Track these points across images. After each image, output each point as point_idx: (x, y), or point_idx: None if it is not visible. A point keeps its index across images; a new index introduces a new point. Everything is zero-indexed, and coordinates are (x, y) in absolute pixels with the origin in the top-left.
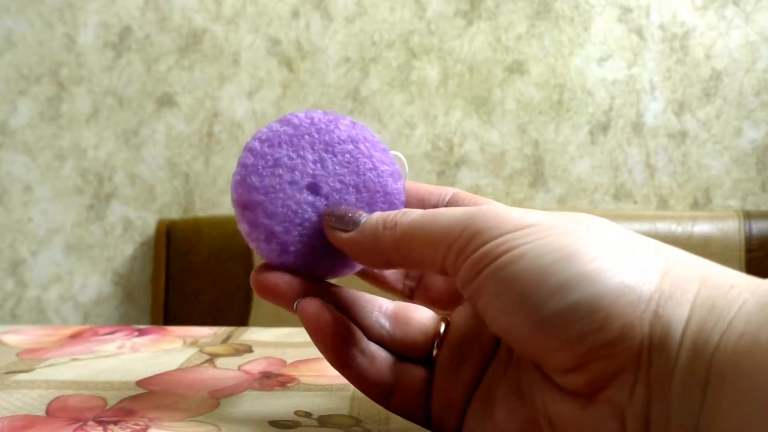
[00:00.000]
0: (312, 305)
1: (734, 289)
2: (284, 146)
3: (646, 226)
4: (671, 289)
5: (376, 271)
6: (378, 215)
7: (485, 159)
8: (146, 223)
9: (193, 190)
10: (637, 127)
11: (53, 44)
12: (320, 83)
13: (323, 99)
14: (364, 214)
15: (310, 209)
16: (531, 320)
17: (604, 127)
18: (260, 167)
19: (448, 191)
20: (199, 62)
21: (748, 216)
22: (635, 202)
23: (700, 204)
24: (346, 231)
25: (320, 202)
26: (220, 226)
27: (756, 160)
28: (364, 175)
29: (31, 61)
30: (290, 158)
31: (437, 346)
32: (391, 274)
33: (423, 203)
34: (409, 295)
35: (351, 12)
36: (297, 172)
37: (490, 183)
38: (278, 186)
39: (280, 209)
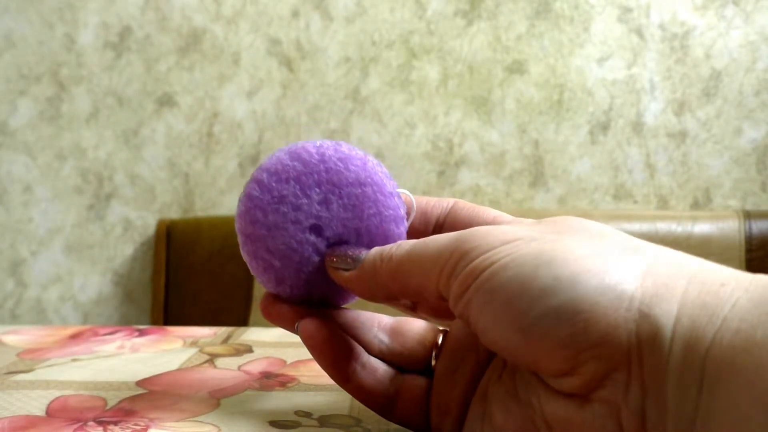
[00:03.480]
0: (311, 324)
1: (726, 287)
2: (291, 182)
3: (646, 226)
4: (654, 287)
5: None
6: (375, 250)
7: (485, 159)
8: (146, 223)
9: (193, 190)
10: (637, 127)
11: (53, 44)
12: (320, 83)
13: (323, 99)
14: (364, 251)
15: (311, 248)
16: (517, 327)
17: (604, 127)
18: (266, 202)
19: (449, 202)
20: (199, 62)
21: (748, 216)
22: (635, 202)
23: (700, 204)
24: (347, 270)
25: (321, 244)
26: (220, 226)
27: (756, 160)
28: (368, 220)
29: (31, 61)
30: (296, 197)
31: (436, 356)
32: None
33: (426, 216)
34: (413, 309)
35: (351, 12)
36: (301, 212)
37: (490, 183)
38: (281, 224)
39: (281, 246)
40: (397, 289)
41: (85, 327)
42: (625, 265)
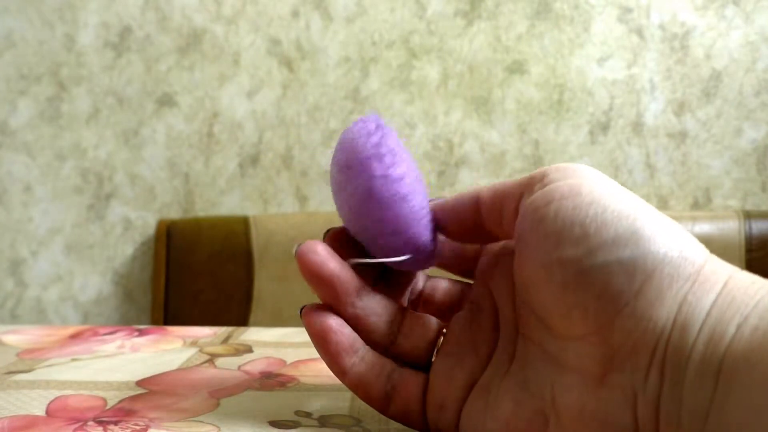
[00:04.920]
0: (315, 312)
1: (755, 285)
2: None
3: None
4: (705, 276)
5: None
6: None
7: (485, 159)
8: (146, 223)
9: (193, 190)
10: (637, 127)
11: (53, 44)
12: (320, 83)
13: (323, 99)
14: None
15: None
16: (579, 264)
17: (604, 127)
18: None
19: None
20: (199, 62)
21: (748, 216)
22: None
23: (700, 204)
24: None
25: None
26: (220, 226)
27: (756, 160)
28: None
29: (31, 61)
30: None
31: (436, 353)
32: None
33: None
34: (413, 310)
35: (351, 12)
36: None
37: (490, 183)
38: (409, 171)
39: (413, 186)
40: (489, 198)
41: (85, 327)
42: (694, 248)
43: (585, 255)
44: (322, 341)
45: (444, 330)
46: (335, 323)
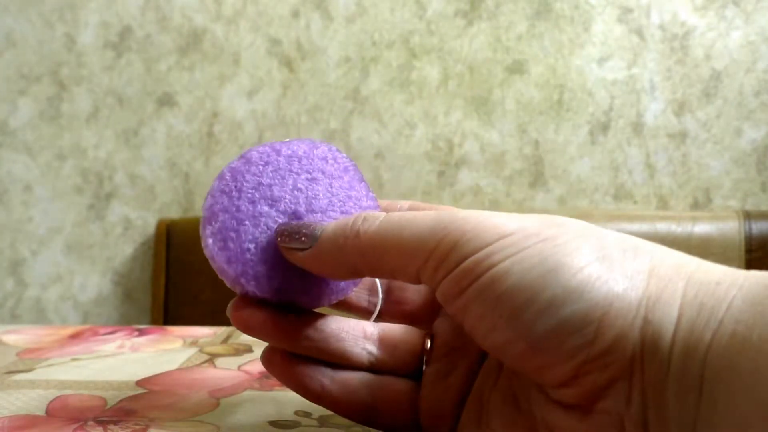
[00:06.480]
0: (268, 354)
1: (721, 286)
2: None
3: (646, 226)
4: (658, 292)
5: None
6: (335, 225)
7: (485, 159)
8: (146, 223)
9: (193, 190)
10: (637, 127)
11: (53, 44)
12: (320, 83)
13: (323, 99)
14: (319, 226)
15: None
16: (523, 339)
17: (604, 127)
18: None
19: (404, 204)
20: (199, 62)
21: (748, 216)
22: (635, 202)
23: (700, 204)
24: (303, 249)
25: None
26: None
27: (756, 161)
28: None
29: (31, 61)
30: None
31: (426, 362)
32: (353, 293)
33: None
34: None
35: (351, 12)
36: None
37: (490, 183)
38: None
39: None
40: (366, 268)
41: (85, 327)
42: (631, 269)
43: (527, 328)
44: (284, 378)
45: (428, 337)
46: (291, 357)
